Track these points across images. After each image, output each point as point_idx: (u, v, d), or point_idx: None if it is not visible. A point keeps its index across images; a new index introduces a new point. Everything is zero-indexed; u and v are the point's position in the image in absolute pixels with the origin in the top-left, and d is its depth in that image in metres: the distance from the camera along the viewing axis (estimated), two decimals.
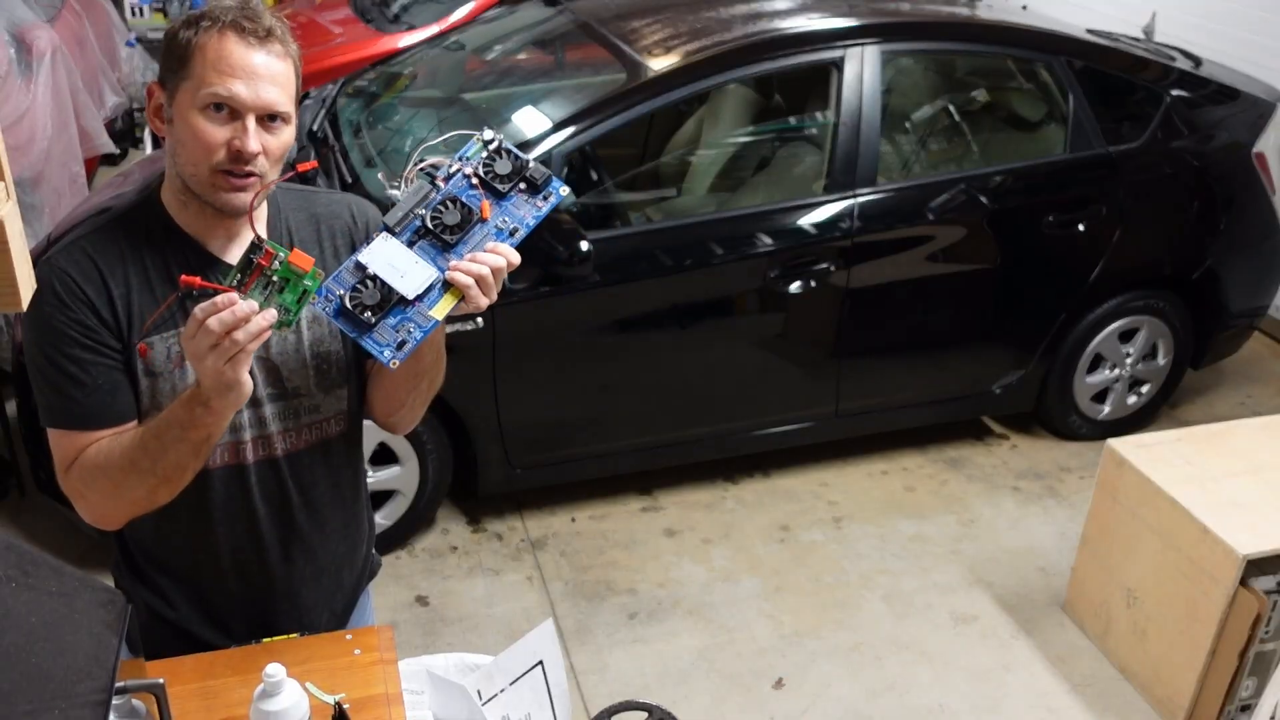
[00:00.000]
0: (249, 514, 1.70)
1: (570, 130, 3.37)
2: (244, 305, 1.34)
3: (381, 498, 3.48)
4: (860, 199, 3.57)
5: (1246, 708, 2.88)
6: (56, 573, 1.23)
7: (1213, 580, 2.79)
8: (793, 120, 4.04)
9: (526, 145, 3.36)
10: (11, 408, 3.61)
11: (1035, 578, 3.56)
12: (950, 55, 4.08)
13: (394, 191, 1.47)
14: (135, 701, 1.41)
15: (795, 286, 3.53)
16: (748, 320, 3.64)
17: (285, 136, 1.55)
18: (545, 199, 1.50)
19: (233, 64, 1.49)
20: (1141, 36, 4.62)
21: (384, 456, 3.41)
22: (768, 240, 3.51)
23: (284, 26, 1.55)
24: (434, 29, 5.54)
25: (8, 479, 3.75)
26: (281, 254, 1.38)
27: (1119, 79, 3.96)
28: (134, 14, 7.26)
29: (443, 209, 1.46)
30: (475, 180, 1.49)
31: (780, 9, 3.93)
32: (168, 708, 1.43)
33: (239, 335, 1.34)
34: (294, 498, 1.72)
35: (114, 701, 1.22)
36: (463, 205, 1.46)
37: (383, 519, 3.49)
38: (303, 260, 1.38)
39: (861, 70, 3.60)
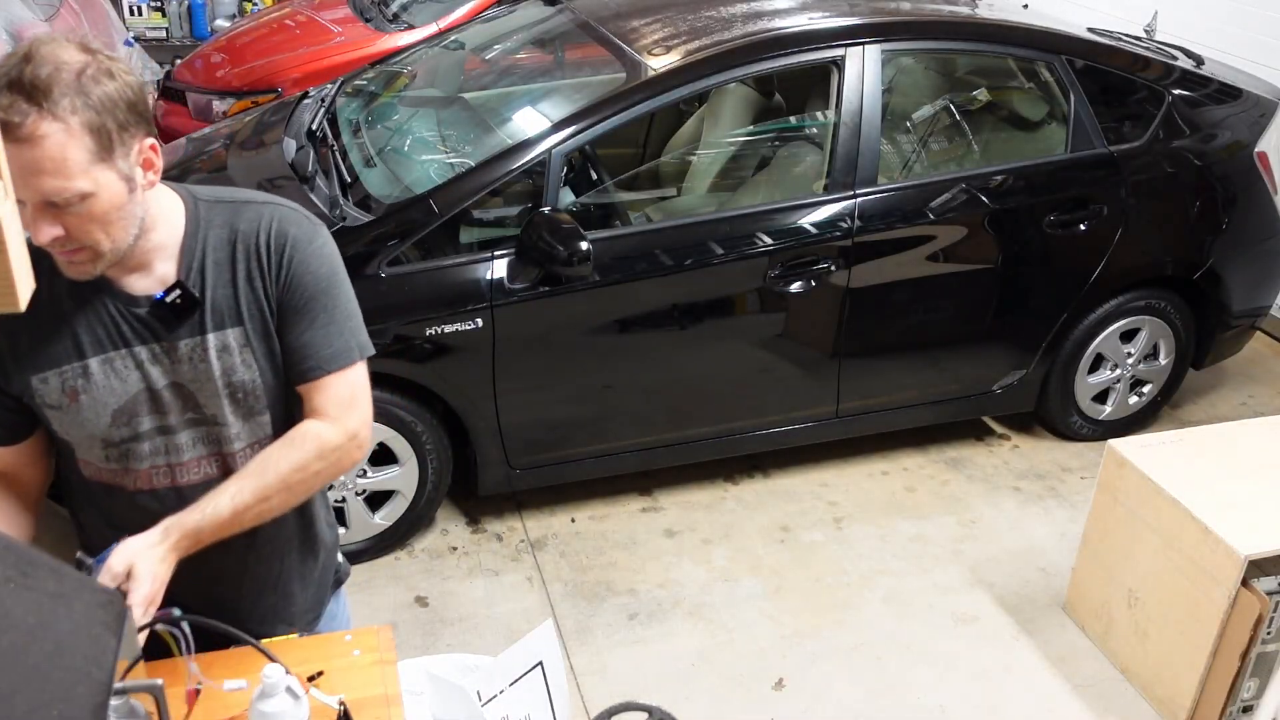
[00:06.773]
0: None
1: (570, 130, 3.36)
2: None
3: (381, 498, 3.47)
4: (860, 198, 3.56)
5: (1248, 709, 2.88)
6: (55, 573, 1.22)
7: (1214, 581, 2.78)
8: (793, 120, 4.04)
9: (527, 144, 3.36)
10: None
11: (1036, 578, 3.55)
12: (951, 54, 4.07)
13: None
14: (134, 702, 1.40)
15: (795, 286, 3.53)
16: (748, 320, 3.63)
17: (92, 207, 1.42)
18: None
19: None
20: (1143, 35, 4.61)
21: (384, 457, 3.40)
22: (768, 240, 3.51)
23: (59, 74, 1.36)
24: (433, 28, 5.54)
25: None
26: None
27: (1120, 78, 3.95)
28: (132, 13, 7.26)
29: None
30: None
31: (780, 9, 3.92)
32: (166, 708, 1.42)
33: None
34: None
35: (113, 702, 1.21)
36: None
37: (382, 519, 3.48)
38: None
39: (862, 69, 3.60)
